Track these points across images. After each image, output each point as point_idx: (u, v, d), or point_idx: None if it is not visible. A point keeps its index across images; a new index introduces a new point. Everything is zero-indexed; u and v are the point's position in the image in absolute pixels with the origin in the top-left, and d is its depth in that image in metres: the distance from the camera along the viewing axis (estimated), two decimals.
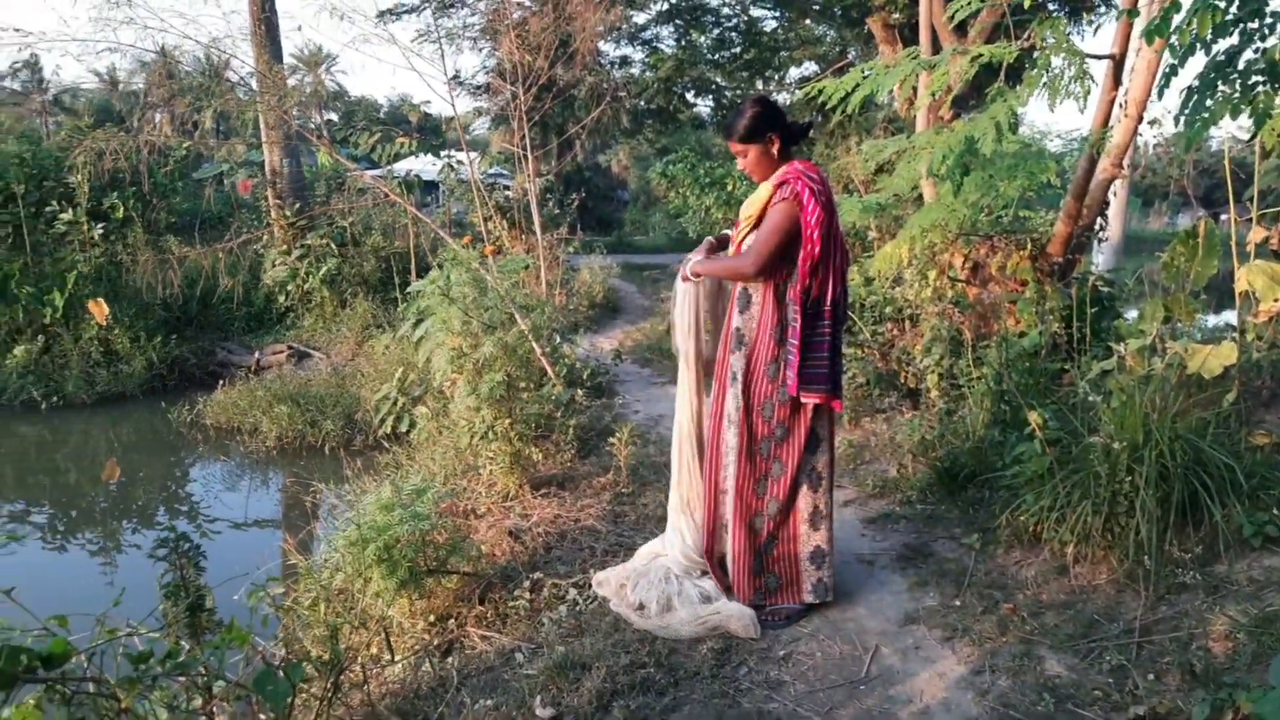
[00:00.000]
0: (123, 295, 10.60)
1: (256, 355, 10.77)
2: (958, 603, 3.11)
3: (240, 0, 12.12)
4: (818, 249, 2.79)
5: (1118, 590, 2.99)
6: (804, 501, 3.04)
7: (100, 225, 10.90)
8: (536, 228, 8.62)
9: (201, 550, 1.92)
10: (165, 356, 10.22)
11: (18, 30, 9.41)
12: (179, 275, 10.86)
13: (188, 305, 11.51)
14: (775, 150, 2.92)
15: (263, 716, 2.27)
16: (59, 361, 9.87)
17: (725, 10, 17.23)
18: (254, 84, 9.06)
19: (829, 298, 2.86)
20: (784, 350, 2.91)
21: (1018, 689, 2.56)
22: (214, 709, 1.77)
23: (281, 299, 11.86)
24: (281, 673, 1.73)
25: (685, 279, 3.15)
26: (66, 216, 10.59)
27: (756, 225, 2.94)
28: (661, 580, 3.18)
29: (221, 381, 9.03)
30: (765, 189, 2.93)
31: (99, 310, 9.81)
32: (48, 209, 10.62)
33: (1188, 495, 3.07)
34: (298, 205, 12.26)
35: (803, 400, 2.91)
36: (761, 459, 3.00)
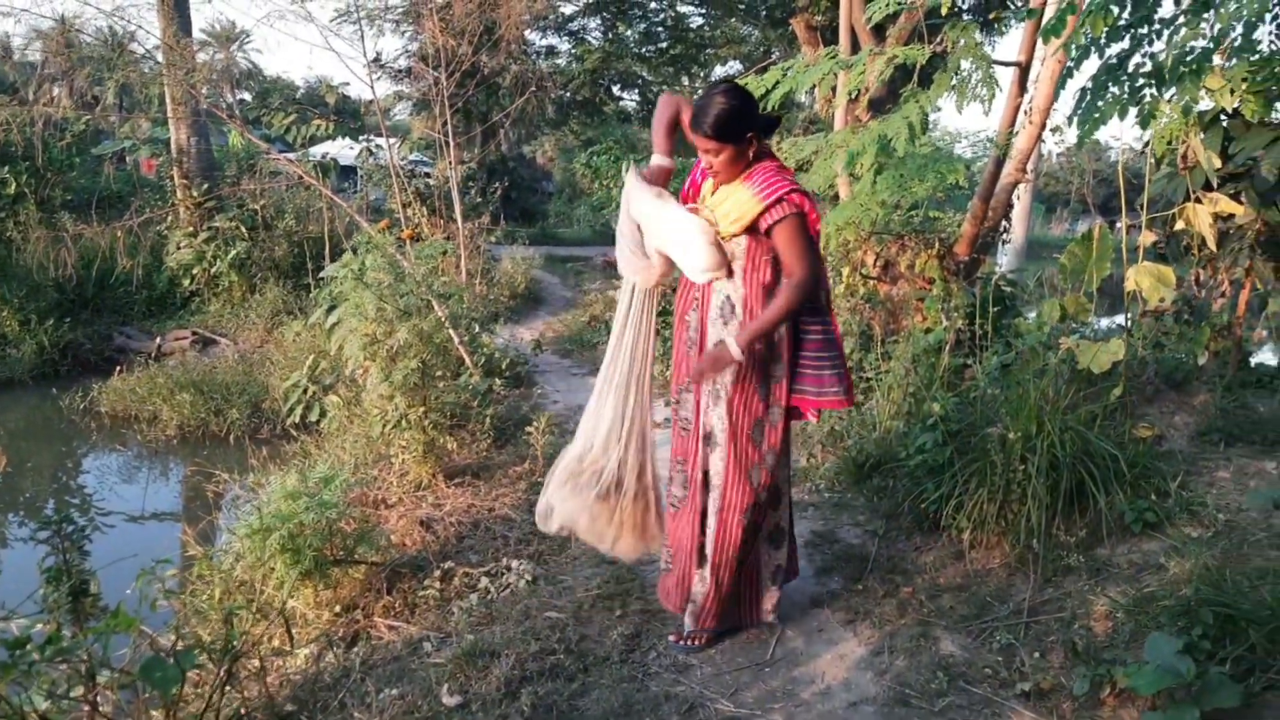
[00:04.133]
0: (12, 275, 10.01)
1: (158, 341, 10.31)
2: (860, 587, 3.21)
3: None
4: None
5: (1009, 573, 3.13)
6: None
7: None
8: (458, 215, 8.49)
9: (87, 533, 1.83)
10: (58, 341, 9.69)
11: None
12: (74, 255, 10.29)
13: (83, 287, 10.91)
14: (751, 152, 2.52)
15: (153, 713, 2.19)
16: None
17: (653, 5, 17.32)
18: (160, 57, 8.66)
19: (828, 292, 2.74)
20: (778, 366, 2.63)
21: (914, 668, 2.66)
22: (97, 697, 1.69)
23: (186, 283, 11.36)
24: (171, 659, 1.67)
25: (738, 359, 2.53)
26: None
27: (748, 230, 2.54)
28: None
29: (119, 368, 8.59)
30: (748, 197, 2.50)
31: None
32: None
33: (1075, 483, 3.23)
34: (206, 186, 11.76)
35: (816, 408, 2.69)
36: (757, 485, 2.68)
